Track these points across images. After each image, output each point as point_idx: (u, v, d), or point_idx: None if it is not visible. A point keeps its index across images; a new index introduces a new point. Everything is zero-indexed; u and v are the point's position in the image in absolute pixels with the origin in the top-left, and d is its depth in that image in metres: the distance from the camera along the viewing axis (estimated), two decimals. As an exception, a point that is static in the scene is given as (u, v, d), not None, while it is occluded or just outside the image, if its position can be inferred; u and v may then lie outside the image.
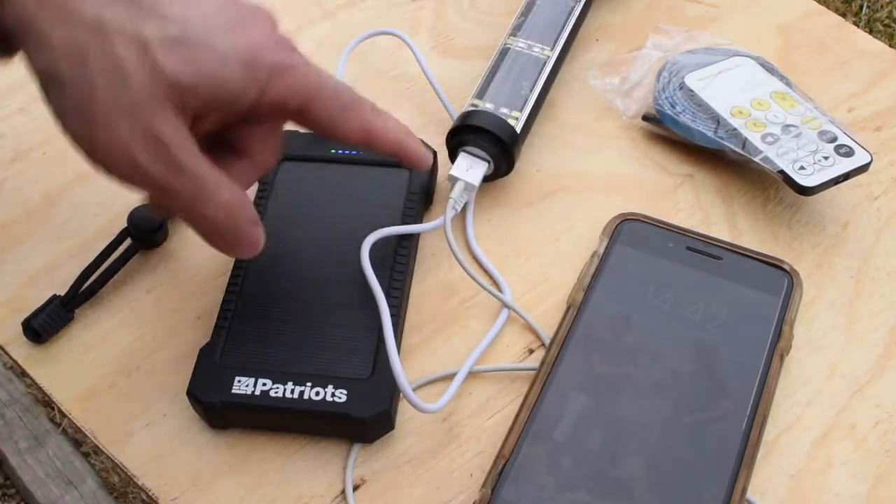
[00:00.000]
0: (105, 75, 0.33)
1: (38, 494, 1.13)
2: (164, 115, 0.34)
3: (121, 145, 0.33)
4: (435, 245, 0.49)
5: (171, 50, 0.33)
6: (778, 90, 0.53)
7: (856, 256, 0.49)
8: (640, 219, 0.48)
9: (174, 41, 0.34)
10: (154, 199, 0.37)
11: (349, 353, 0.42)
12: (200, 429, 0.43)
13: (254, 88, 0.35)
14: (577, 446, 0.40)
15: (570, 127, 0.55)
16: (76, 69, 0.33)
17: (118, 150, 0.34)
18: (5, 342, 0.46)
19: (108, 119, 0.33)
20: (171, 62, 0.33)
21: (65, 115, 0.34)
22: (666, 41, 0.57)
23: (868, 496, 0.41)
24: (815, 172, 0.48)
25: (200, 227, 0.37)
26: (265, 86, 0.36)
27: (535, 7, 0.55)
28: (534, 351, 0.46)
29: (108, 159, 0.34)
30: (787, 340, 0.44)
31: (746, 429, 0.41)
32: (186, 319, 0.47)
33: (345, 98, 0.38)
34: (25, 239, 0.50)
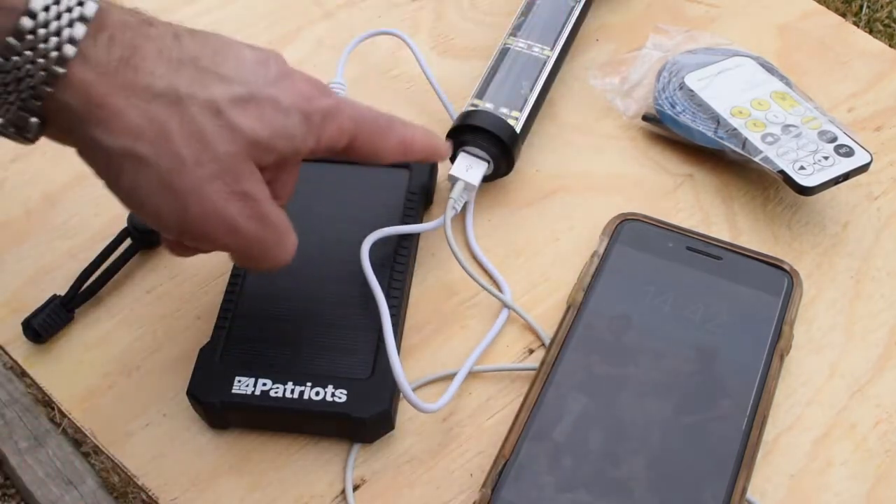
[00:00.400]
0: (189, 146, 0.33)
1: (38, 494, 1.13)
2: (249, 173, 0.35)
3: (216, 211, 0.34)
4: (435, 245, 0.49)
5: (243, 108, 0.34)
6: (778, 90, 0.53)
7: (856, 256, 0.49)
8: (640, 219, 0.48)
9: (244, 100, 0.34)
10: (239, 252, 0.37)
11: (349, 353, 0.42)
12: (200, 429, 0.43)
13: (312, 137, 0.37)
14: (577, 446, 0.40)
15: (570, 127, 0.55)
16: (160, 145, 0.33)
17: (214, 215, 0.34)
18: (5, 342, 0.46)
19: (199, 188, 0.34)
20: (245, 120, 0.34)
21: (148, 193, 0.34)
22: (666, 41, 0.58)
23: (868, 496, 0.41)
24: (815, 172, 0.48)
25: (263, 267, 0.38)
26: (319, 132, 0.37)
27: (535, 7, 0.55)
28: (534, 351, 0.46)
29: (204, 227, 0.35)
30: (787, 340, 0.44)
31: (746, 429, 0.41)
32: (186, 319, 0.47)
33: (381, 123, 0.40)
34: (25, 239, 0.50)
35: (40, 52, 0.31)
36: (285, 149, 0.36)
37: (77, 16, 0.31)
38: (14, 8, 0.31)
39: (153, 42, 0.33)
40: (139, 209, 0.35)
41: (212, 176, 0.34)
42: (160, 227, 0.36)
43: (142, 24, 0.33)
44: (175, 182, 0.33)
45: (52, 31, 0.31)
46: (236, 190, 0.34)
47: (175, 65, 0.33)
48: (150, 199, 0.34)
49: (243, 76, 0.35)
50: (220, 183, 0.34)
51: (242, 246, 0.36)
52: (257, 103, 0.35)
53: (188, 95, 0.33)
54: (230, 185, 0.34)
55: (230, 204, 0.34)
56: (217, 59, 0.34)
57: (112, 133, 0.32)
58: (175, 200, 0.34)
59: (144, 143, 0.33)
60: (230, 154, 0.34)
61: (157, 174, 0.33)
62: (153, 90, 0.33)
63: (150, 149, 0.33)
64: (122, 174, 0.33)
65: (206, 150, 0.33)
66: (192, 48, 0.34)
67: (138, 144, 0.33)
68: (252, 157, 0.35)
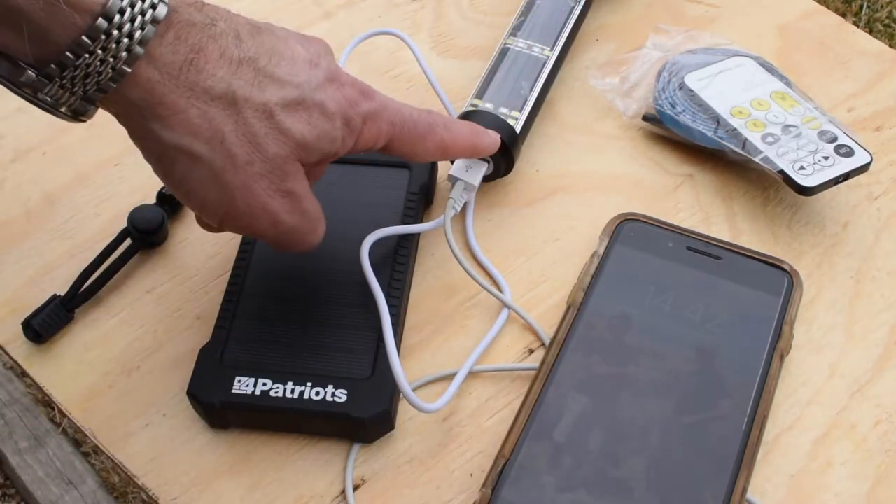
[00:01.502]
0: (242, 147, 0.35)
1: (38, 494, 1.13)
2: (294, 172, 0.37)
3: (262, 206, 0.37)
4: (435, 245, 0.49)
5: (293, 112, 0.36)
6: (778, 90, 0.53)
7: (856, 256, 0.49)
8: (640, 219, 0.48)
9: (293, 105, 0.36)
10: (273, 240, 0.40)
11: (349, 353, 0.42)
12: (200, 429, 0.43)
13: (351, 140, 0.39)
14: (577, 446, 0.40)
15: (570, 127, 0.55)
16: (215, 144, 0.35)
17: (259, 209, 0.37)
18: (5, 342, 0.46)
19: (247, 185, 0.36)
20: (294, 124, 0.36)
21: (198, 186, 0.36)
22: (666, 41, 0.57)
23: (868, 496, 0.41)
24: (815, 172, 0.48)
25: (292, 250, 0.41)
26: (359, 136, 0.39)
27: (534, 7, 0.55)
28: (534, 351, 0.46)
29: (247, 219, 0.37)
30: (787, 340, 0.44)
31: (746, 429, 0.41)
32: (186, 319, 0.47)
33: (421, 128, 0.42)
34: (25, 239, 0.50)
35: (111, 52, 0.32)
36: (327, 150, 0.38)
37: (149, 18, 0.33)
38: (91, 10, 0.32)
39: (216, 42, 0.35)
40: (185, 197, 0.37)
41: (260, 174, 0.36)
42: (203, 213, 0.38)
43: (206, 24, 0.35)
44: (226, 178, 0.35)
45: (125, 33, 0.32)
46: (282, 188, 0.37)
47: (235, 66, 0.35)
48: (200, 191, 0.36)
49: (296, 79, 0.37)
50: (267, 181, 0.36)
51: (280, 235, 0.39)
52: (306, 108, 0.37)
53: (244, 99, 0.35)
54: (276, 184, 0.37)
55: (275, 200, 0.37)
56: (273, 61, 0.36)
57: (171, 129, 0.34)
58: (224, 194, 0.36)
59: (200, 141, 0.35)
60: (279, 155, 0.36)
61: (209, 170, 0.35)
62: (213, 92, 0.35)
63: (205, 147, 0.35)
64: (175, 166, 0.35)
65: (258, 150, 0.36)
66: (251, 49, 0.36)
67: (195, 143, 0.35)
68: (298, 158, 0.37)
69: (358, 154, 0.49)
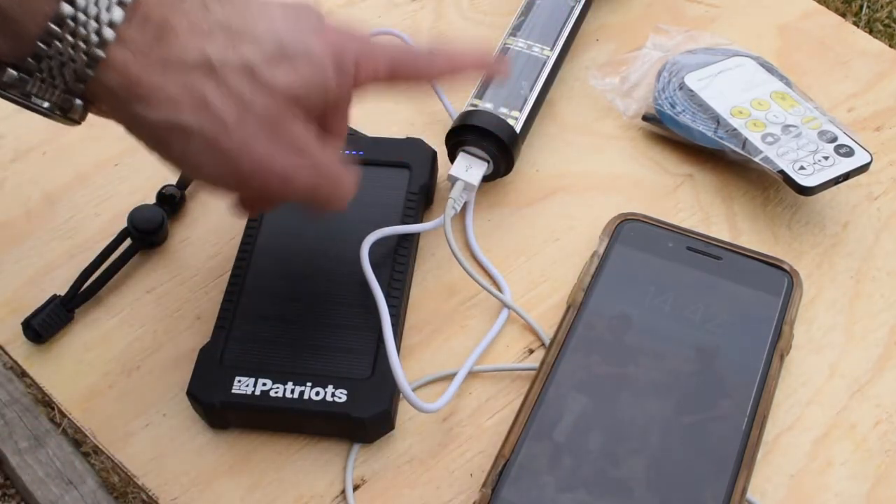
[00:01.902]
0: (229, 109, 0.34)
1: (38, 494, 1.13)
2: (293, 122, 0.36)
3: (266, 164, 0.35)
4: (435, 245, 0.49)
5: (276, 65, 0.35)
6: (778, 90, 0.53)
7: (856, 256, 0.49)
8: (640, 219, 0.48)
9: (276, 57, 0.35)
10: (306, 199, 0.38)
11: (349, 353, 0.42)
12: (200, 429, 0.43)
13: (346, 84, 0.38)
14: (577, 446, 0.40)
15: (570, 127, 0.55)
16: (201, 114, 0.34)
17: (265, 169, 0.36)
18: (5, 342, 0.46)
19: (245, 147, 0.35)
20: (279, 76, 0.35)
21: (199, 158, 0.35)
22: (666, 41, 0.57)
23: (868, 496, 0.41)
24: (815, 172, 0.48)
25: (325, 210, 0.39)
26: (355, 75, 0.38)
27: (534, 7, 0.55)
28: (534, 351, 0.46)
29: (258, 181, 0.36)
30: (787, 340, 0.44)
31: (746, 429, 0.41)
32: (186, 319, 0.47)
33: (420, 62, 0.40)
34: (25, 239, 0.50)
35: (81, 37, 0.32)
36: (322, 99, 0.37)
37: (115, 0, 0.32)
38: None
39: (184, 16, 0.34)
40: (196, 174, 0.36)
41: (256, 132, 0.35)
42: (219, 188, 0.37)
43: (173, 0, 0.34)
44: (222, 144, 0.35)
45: (91, 16, 0.32)
46: (282, 143, 0.36)
47: (206, 35, 0.34)
48: (203, 164, 0.35)
49: (274, 33, 0.36)
50: (265, 139, 0.35)
51: (301, 194, 0.37)
52: (289, 58, 0.36)
53: (221, 62, 0.34)
54: (276, 140, 0.36)
55: (278, 156, 0.36)
56: (247, 20, 0.35)
57: (153, 108, 0.34)
58: (226, 161, 0.35)
59: (185, 113, 0.34)
60: (270, 110, 0.35)
61: (202, 140, 0.34)
62: (188, 63, 0.34)
63: (191, 118, 0.34)
64: (171, 145, 0.35)
65: (246, 110, 0.35)
66: (220, 14, 0.35)
67: (180, 115, 0.34)
68: (292, 111, 0.36)
69: (360, 153, 0.50)
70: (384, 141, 0.50)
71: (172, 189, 0.50)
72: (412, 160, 0.49)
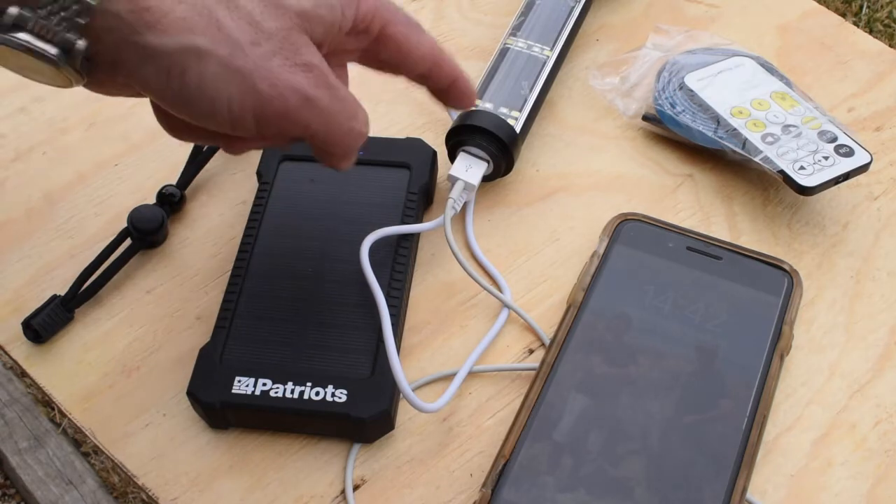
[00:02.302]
0: (241, 29, 0.34)
1: (38, 494, 1.13)
2: (306, 45, 0.36)
3: (285, 82, 0.35)
4: (435, 245, 0.49)
5: None
6: (778, 90, 0.53)
7: (856, 256, 0.49)
8: (640, 219, 0.48)
9: None
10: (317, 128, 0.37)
11: (349, 353, 0.42)
12: (200, 429, 0.43)
13: (350, 9, 0.38)
14: (577, 446, 0.40)
15: (570, 127, 0.55)
16: (214, 33, 0.34)
17: (285, 87, 0.35)
18: (5, 342, 0.46)
19: (262, 65, 0.35)
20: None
21: (215, 83, 0.34)
22: (666, 41, 0.57)
23: (868, 496, 0.41)
24: (815, 172, 0.48)
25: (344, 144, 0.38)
26: (357, 5, 0.38)
27: (534, 7, 0.55)
28: (534, 351, 0.46)
29: (278, 103, 0.35)
30: (787, 340, 0.44)
31: (746, 429, 0.41)
32: (186, 319, 0.47)
33: (414, 21, 0.41)
34: (25, 239, 0.50)
35: None
36: (329, 18, 0.37)
37: None
38: None
39: None
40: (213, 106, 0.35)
41: (271, 52, 0.35)
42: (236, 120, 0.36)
43: None
44: (238, 64, 0.34)
45: None
46: (298, 62, 0.35)
47: None
48: (221, 91, 0.34)
49: None
50: (280, 57, 0.35)
51: (319, 118, 0.37)
52: None
53: None
54: (291, 58, 0.35)
55: (296, 74, 0.35)
56: None
57: (165, 32, 0.33)
58: (244, 82, 0.34)
59: (198, 34, 0.34)
60: (282, 29, 0.35)
61: (218, 62, 0.34)
62: None
63: (205, 39, 0.34)
64: (187, 72, 0.34)
65: (259, 29, 0.35)
66: None
67: (194, 37, 0.34)
68: (303, 30, 0.36)
69: (360, 154, 0.50)
70: (384, 141, 0.50)
71: (172, 189, 0.50)
72: (412, 160, 0.49)
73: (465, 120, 0.49)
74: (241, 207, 0.51)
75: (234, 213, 0.51)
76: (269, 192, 0.48)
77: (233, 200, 0.51)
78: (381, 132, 0.53)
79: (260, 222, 0.47)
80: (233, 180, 0.52)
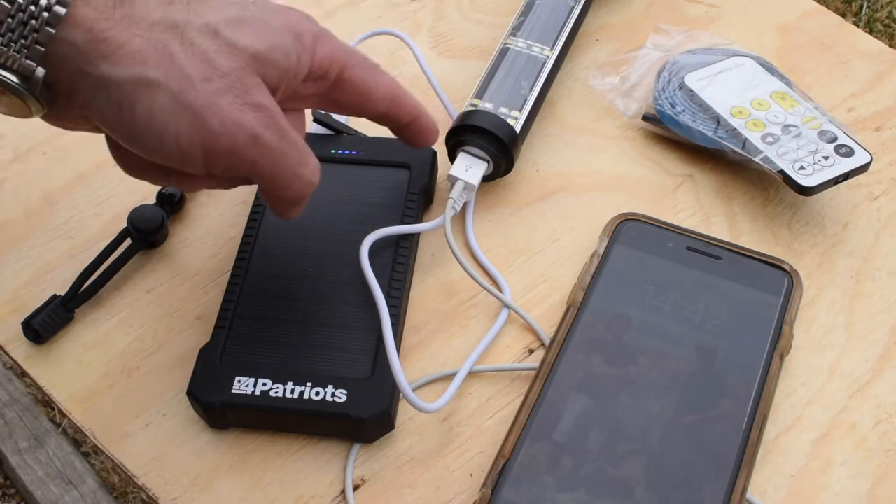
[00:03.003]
0: (194, 65, 0.35)
1: (38, 494, 1.13)
2: (257, 86, 0.36)
3: (234, 120, 0.35)
4: (435, 245, 0.49)
5: (237, 28, 0.36)
6: (778, 90, 0.53)
7: (856, 256, 0.49)
8: (640, 219, 0.48)
9: (236, 22, 0.36)
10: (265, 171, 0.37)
11: (349, 353, 0.42)
12: (200, 429, 0.43)
13: (306, 56, 0.38)
14: (577, 446, 0.40)
15: (570, 127, 0.55)
16: (167, 66, 0.34)
17: (233, 125, 0.35)
18: (5, 342, 0.46)
19: (212, 102, 0.35)
20: (241, 37, 0.36)
21: (164, 116, 0.34)
22: (666, 41, 0.57)
23: (868, 496, 0.41)
24: (815, 172, 0.48)
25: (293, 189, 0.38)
26: (312, 53, 0.38)
27: (534, 7, 0.55)
28: (534, 351, 0.46)
29: (226, 140, 0.35)
30: (787, 340, 0.44)
31: (746, 429, 0.41)
32: (186, 319, 0.47)
33: (371, 63, 0.41)
34: (25, 239, 0.50)
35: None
36: (283, 63, 0.37)
37: None
38: None
39: None
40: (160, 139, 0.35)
41: (222, 90, 0.35)
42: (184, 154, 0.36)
43: None
44: (189, 99, 0.34)
45: None
46: (248, 101, 0.36)
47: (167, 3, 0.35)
48: (169, 122, 0.35)
49: (234, 4, 0.37)
50: (231, 96, 0.35)
51: (266, 158, 0.37)
52: (250, 23, 0.37)
53: (184, 22, 0.35)
54: (242, 97, 0.36)
55: (246, 113, 0.36)
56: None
57: (120, 64, 0.34)
58: (194, 118, 0.35)
59: (151, 66, 0.34)
60: (235, 69, 0.35)
61: (169, 95, 0.34)
62: (151, 20, 0.34)
63: (157, 72, 0.34)
64: (137, 104, 0.34)
65: (211, 67, 0.35)
66: None
67: (146, 69, 0.34)
68: (256, 72, 0.36)
69: (359, 154, 0.50)
70: (384, 141, 0.50)
71: (172, 189, 0.50)
72: (412, 160, 0.49)
73: (465, 120, 0.49)
74: (241, 207, 0.51)
75: (234, 213, 0.51)
76: (269, 192, 0.48)
77: (233, 200, 0.51)
78: (381, 132, 0.53)
79: (260, 222, 0.47)
80: (233, 180, 0.52)
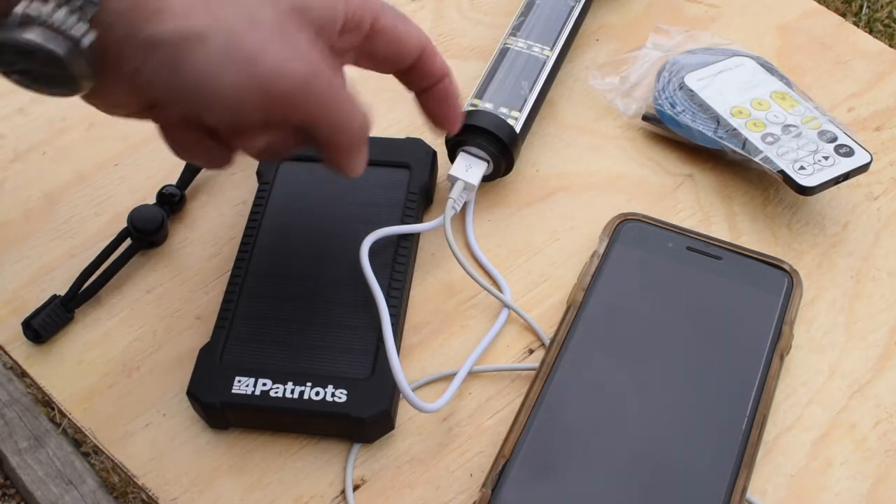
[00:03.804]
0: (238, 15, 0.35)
1: (38, 494, 1.13)
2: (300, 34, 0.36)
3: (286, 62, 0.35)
4: (435, 245, 0.49)
5: None
6: (778, 90, 0.53)
7: (856, 256, 0.49)
8: (640, 219, 0.48)
9: None
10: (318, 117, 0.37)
11: (349, 353, 0.42)
12: (200, 429, 0.43)
13: (341, 4, 0.38)
14: (577, 446, 0.40)
15: (570, 127, 0.55)
16: (211, 19, 0.34)
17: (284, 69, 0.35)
18: (5, 342, 0.46)
19: (261, 48, 0.35)
20: None
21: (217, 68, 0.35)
22: (666, 41, 0.57)
23: (868, 496, 0.41)
24: (815, 172, 0.48)
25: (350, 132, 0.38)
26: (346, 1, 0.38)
27: (534, 7, 0.55)
28: (534, 351, 0.46)
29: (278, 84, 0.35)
30: (787, 340, 0.44)
31: (746, 429, 0.41)
32: (186, 319, 0.47)
33: (400, 13, 0.41)
34: (25, 239, 0.50)
35: None
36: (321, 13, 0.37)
37: None
38: None
39: None
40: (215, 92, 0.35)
41: (269, 37, 0.35)
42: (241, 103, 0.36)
43: None
44: (239, 45, 0.35)
45: None
46: (296, 48, 0.36)
47: None
48: (223, 74, 0.35)
49: None
50: (278, 42, 0.35)
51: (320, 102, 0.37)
52: None
53: None
54: (288, 44, 0.36)
55: (295, 59, 0.36)
56: None
57: (165, 21, 0.34)
58: (245, 64, 0.35)
59: (197, 18, 0.34)
60: (278, 16, 0.36)
61: (217, 46, 0.34)
62: None
63: (203, 22, 0.34)
64: (187, 59, 0.34)
65: (255, 16, 0.35)
66: None
67: (192, 21, 0.34)
68: (297, 20, 0.36)
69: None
70: (384, 141, 0.50)
71: (172, 189, 0.50)
72: (412, 160, 0.49)
73: (465, 120, 0.49)
74: (241, 207, 0.51)
75: (234, 213, 0.51)
76: (269, 192, 0.48)
77: (233, 200, 0.51)
78: (381, 132, 0.53)
79: (260, 222, 0.47)
80: (233, 180, 0.52)
